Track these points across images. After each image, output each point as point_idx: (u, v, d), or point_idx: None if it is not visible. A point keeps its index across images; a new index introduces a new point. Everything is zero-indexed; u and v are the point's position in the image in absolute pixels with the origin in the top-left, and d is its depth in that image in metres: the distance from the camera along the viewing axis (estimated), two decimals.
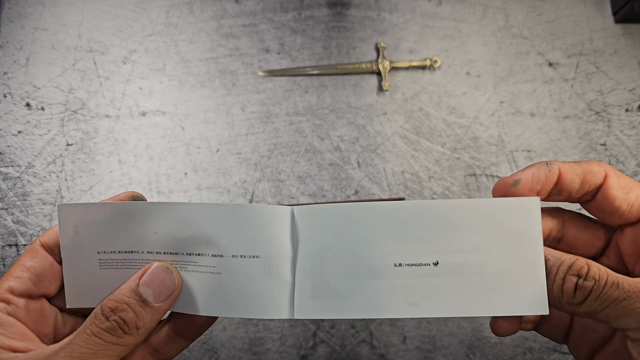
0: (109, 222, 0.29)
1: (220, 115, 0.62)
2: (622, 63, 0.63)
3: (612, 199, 0.26)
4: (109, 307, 0.26)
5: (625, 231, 0.28)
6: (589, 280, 0.24)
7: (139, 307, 0.26)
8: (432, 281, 0.27)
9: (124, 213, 0.29)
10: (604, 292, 0.24)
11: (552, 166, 0.27)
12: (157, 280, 0.27)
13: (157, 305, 0.27)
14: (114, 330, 0.26)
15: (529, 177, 0.27)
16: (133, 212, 0.29)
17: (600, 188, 0.27)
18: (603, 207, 0.27)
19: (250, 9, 0.65)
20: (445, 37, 0.65)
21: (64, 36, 0.64)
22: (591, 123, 0.62)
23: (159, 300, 0.27)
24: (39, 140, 0.61)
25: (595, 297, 0.24)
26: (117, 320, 0.26)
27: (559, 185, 0.27)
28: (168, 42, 0.64)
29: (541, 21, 0.65)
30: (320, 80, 0.64)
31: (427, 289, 0.27)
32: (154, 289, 0.27)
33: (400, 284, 0.27)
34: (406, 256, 0.28)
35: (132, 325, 0.26)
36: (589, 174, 0.27)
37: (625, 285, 0.24)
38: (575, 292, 0.25)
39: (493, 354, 0.56)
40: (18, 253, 0.58)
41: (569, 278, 0.25)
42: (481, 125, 0.62)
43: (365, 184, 0.60)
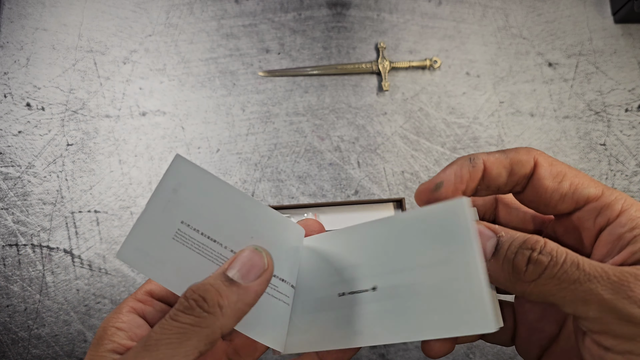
0: (214, 201, 0.27)
1: (221, 116, 0.62)
2: (621, 63, 0.63)
3: (543, 189, 0.24)
4: (192, 290, 0.23)
5: (561, 221, 0.26)
6: (544, 254, 0.21)
7: (223, 286, 0.23)
8: (373, 307, 0.25)
9: (236, 202, 0.27)
10: (562, 271, 0.21)
11: (475, 161, 0.24)
12: (245, 259, 0.25)
13: (246, 285, 0.24)
14: (192, 309, 0.23)
15: (451, 177, 0.24)
16: (245, 207, 0.27)
17: (530, 179, 0.24)
18: (534, 198, 0.25)
19: (250, 9, 0.65)
20: (445, 37, 0.65)
21: (64, 36, 0.64)
22: (591, 123, 0.62)
23: (247, 280, 0.24)
24: (39, 140, 0.61)
25: (551, 275, 0.21)
26: (197, 298, 0.23)
27: (486, 181, 0.25)
28: (168, 43, 0.64)
29: (541, 21, 0.65)
30: (320, 80, 0.64)
31: (368, 316, 0.25)
32: (241, 267, 0.24)
33: (345, 313, 0.26)
34: (347, 284, 0.26)
35: (213, 303, 0.23)
36: (516, 164, 0.24)
37: (586, 267, 0.21)
38: (527, 266, 0.22)
39: (493, 354, 0.56)
40: (18, 253, 0.58)
41: (521, 252, 0.22)
42: (481, 125, 0.62)
43: (365, 184, 0.60)
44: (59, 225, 0.58)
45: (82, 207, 0.59)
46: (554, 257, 0.21)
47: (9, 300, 0.56)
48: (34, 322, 0.56)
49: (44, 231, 0.58)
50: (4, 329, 0.56)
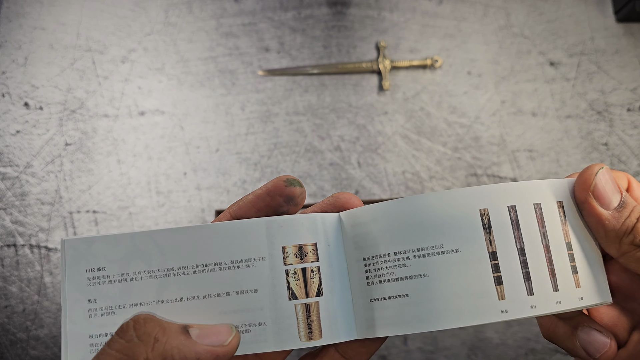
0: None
1: (220, 115, 0.62)
2: (623, 62, 0.63)
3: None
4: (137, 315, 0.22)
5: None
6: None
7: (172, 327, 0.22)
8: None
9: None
10: None
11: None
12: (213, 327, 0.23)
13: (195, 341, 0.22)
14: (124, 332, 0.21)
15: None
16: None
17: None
18: None
19: (249, 8, 0.65)
20: (446, 36, 0.64)
21: (62, 35, 0.64)
22: (593, 123, 0.61)
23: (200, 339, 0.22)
24: (37, 139, 0.61)
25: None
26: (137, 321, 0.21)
27: None
28: (167, 41, 0.64)
29: (542, 20, 0.65)
30: (321, 79, 0.63)
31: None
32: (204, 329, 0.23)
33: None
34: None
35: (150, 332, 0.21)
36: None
37: None
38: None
39: (495, 355, 0.55)
40: (17, 253, 0.57)
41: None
42: (482, 124, 0.62)
43: (365, 184, 0.60)
44: (57, 225, 0.58)
45: (80, 207, 0.59)
46: None
47: (7, 301, 0.56)
48: (32, 323, 0.56)
49: (43, 231, 0.58)
50: (2, 330, 0.55)
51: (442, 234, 0.24)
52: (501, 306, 0.23)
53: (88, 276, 0.24)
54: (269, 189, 0.26)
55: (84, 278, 0.24)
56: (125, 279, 0.24)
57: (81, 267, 0.24)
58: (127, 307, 0.24)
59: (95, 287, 0.24)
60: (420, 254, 0.24)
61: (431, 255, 0.24)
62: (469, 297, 0.23)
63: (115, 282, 0.24)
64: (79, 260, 0.24)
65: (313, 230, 0.26)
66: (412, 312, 0.24)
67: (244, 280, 0.24)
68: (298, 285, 0.25)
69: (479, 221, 0.24)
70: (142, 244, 0.24)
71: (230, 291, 0.24)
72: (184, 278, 0.24)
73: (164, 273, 0.24)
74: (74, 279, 0.24)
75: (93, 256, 0.24)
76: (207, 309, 0.24)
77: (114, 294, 0.24)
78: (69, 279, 0.24)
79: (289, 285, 0.25)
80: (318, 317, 0.25)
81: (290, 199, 0.26)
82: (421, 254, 0.24)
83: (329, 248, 0.26)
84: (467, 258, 0.23)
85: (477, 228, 0.23)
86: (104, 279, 0.24)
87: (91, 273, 0.24)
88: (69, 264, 0.24)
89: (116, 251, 0.24)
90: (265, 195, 0.26)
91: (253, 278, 0.25)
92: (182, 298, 0.24)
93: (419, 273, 0.24)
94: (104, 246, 0.24)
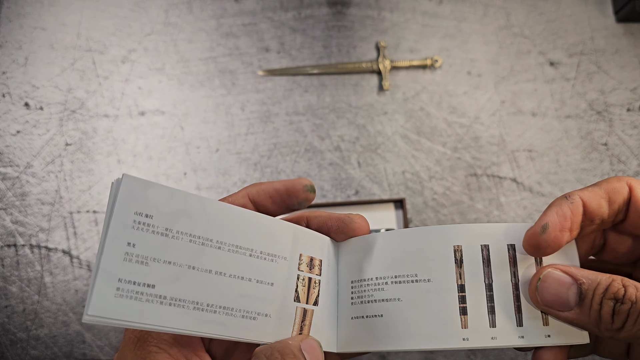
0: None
1: (220, 115, 0.62)
2: (623, 62, 0.63)
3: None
4: (278, 352, 0.24)
5: None
6: (625, 303, 0.22)
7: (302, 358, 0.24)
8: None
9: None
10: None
11: (572, 197, 0.25)
12: (315, 351, 0.25)
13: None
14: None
15: (555, 217, 0.24)
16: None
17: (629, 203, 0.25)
18: (638, 221, 0.25)
19: (249, 8, 0.65)
20: (446, 36, 0.64)
21: (62, 35, 0.64)
22: (592, 123, 0.61)
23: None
24: (37, 140, 0.61)
25: (633, 321, 0.22)
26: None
27: (588, 215, 0.25)
28: (167, 42, 0.64)
29: (542, 20, 0.65)
30: (321, 79, 0.63)
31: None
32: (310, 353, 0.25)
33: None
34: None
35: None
36: (612, 192, 0.25)
37: None
38: (613, 317, 0.23)
39: (494, 355, 0.55)
40: (17, 253, 0.57)
41: (606, 302, 0.23)
42: (482, 124, 0.62)
43: (365, 184, 0.60)
44: (57, 225, 0.58)
45: (80, 207, 0.59)
46: (634, 303, 0.22)
47: (8, 300, 0.56)
48: (32, 323, 0.56)
49: (43, 231, 0.58)
50: (2, 329, 0.55)
51: (418, 264, 0.26)
52: (463, 334, 0.25)
53: (135, 219, 0.23)
54: (288, 188, 0.28)
55: (130, 219, 0.22)
56: (167, 234, 0.23)
57: (131, 207, 0.23)
58: (161, 263, 0.23)
59: (138, 233, 0.22)
60: (397, 280, 0.26)
61: (406, 282, 0.26)
62: (435, 323, 0.25)
63: (157, 234, 0.23)
64: (131, 200, 0.23)
65: (322, 248, 0.28)
66: (385, 331, 0.26)
67: (266, 272, 0.26)
68: (303, 291, 0.27)
69: (451, 256, 0.26)
70: (193, 206, 0.24)
71: (252, 278, 0.25)
72: (218, 252, 0.24)
73: (202, 241, 0.24)
74: (121, 217, 0.22)
75: (145, 201, 0.23)
76: (228, 288, 0.24)
77: (152, 246, 0.23)
78: (116, 215, 0.22)
79: (297, 289, 0.27)
80: (310, 323, 0.27)
81: (303, 203, 0.29)
82: (397, 281, 0.26)
83: (329, 267, 0.28)
84: (437, 287, 0.25)
85: (450, 262, 0.26)
86: (148, 227, 0.23)
87: (139, 217, 0.23)
88: (120, 200, 0.22)
89: (168, 204, 0.24)
90: (284, 192, 0.28)
91: (273, 272, 0.26)
92: (210, 270, 0.24)
93: (394, 297, 0.26)
94: (158, 195, 0.23)
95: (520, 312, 0.25)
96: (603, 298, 0.23)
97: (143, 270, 0.22)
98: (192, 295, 0.23)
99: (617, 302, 0.22)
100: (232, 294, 0.25)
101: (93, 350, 0.55)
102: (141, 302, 0.22)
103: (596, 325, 0.23)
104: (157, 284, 0.23)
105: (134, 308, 0.22)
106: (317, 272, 0.28)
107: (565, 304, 0.24)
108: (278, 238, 0.27)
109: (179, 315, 0.23)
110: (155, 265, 0.23)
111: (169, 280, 0.23)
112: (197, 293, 0.24)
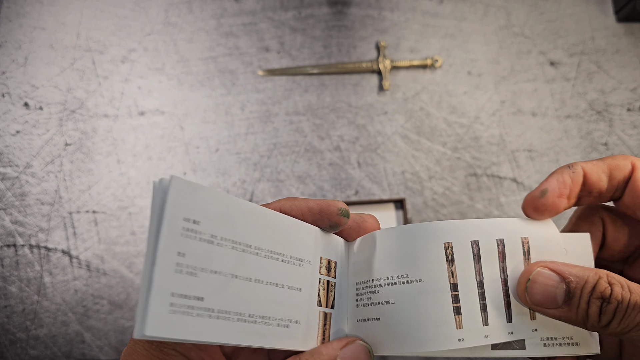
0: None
1: (220, 115, 0.62)
2: (623, 62, 0.63)
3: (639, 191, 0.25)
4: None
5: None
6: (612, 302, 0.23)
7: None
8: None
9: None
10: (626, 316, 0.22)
11: (575, 167, 0.25)
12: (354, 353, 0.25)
13: None
14: None
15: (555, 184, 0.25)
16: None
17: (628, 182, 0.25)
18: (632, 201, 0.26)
19: (250, 8, 0.65)
20: (446, 36, 0.64)
21: (62, 35, 0.64)
22: (593, 123, 0.61)
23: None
24: (37, 140, 0.61)
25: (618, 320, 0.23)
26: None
27: (587, 186, 0.26)
28: (167, 41, 0.64)
29: (543, 20, 0.64)
30: (321, 79, 0.63)
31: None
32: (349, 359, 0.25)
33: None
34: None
35: None
36: (614, 169, 0.25)
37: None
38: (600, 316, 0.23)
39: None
40: (17, 254, 0.57)
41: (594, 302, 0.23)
42: (482, 124, 0.62)
43: (365, 184, 0.60)
44: (57, 225, 0.58)
45: (80, 207, 0.59)
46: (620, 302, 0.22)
47: (7, 301, 0.56)
48: (32, 323, 0.56)
49: (42, 231, 0.58)
50: (1, 329, 0.55)
51: (409, 265, 0.25)
52: (458, 335, 0.24)
53: (184, 226, 0.20)
54: (322, 209, 0.27)
55: (179, 226, 0.20)
56: (212, 242, 0.21)
57: (180, 213, 0.20)
58: (208, 273, 0.21)
59: (187, 241, 0.20)
60: (389, 282, 0.26)
61: (397, 284, 0.25)
62: (429, 325, 0.24)
63: (204, 242, 0.21)
64: (180, 205, 0.20)
65: (336, 250, 0.28)
66: (382, 334, 0.25)
67: (295, 277, 0.25)
68: (323, 295, 0.26)
69: (442, 254, 0.25)
70: (234, 210, 0.23)
71: (285, 284, 0.24)
72: (257, 259, 0.23)
73: (243, 248, 0.23)
74: (171, 224, 0.20)
75: (194, 205, 0.21)
76: (265, 296, 0.23)
77: (199, 254, 0.21)
78: (166, 222, 0.20)
79: (319, 292, 0.26)
80: (329, 327, 0.26)
81: (334, 226, 0.28)
82: (390, 282, 0.26)
83: (341, 269, 0.28)
84: (429, 288, 0.25)
85: (441, 260, 0.25)
86: (196, 235, 0.21)
87: (187, 223, 0.20)
88: (170, 204, 0.20)
89: (213, 209, 0.22)
90: (317, 212, 0.27)
91: (300, 277, 0.25)
92: (250, 278, 0.23)
93: (388, 300, 0.25)
94: (204, 199, 0.21)
95: (509, 308, 0.25)
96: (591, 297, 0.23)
97: (193, 282, 0.20)
98: (236, 306, 0.22)
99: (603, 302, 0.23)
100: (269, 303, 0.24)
101: (92, 350, 0.55)
102: (192, 317, 0.20)
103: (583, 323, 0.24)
104: (206, 297, 0.21)
105: (188, 324, 0.20)
106: (333, 275, 0.27)
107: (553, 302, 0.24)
108: (304, 241, 0.26)
109: (225, 329, 0.21)
110: (203, 275, 0.21)
111: (215, 292, 0.21)
112: (240, 303, 0.22)
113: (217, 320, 0.21)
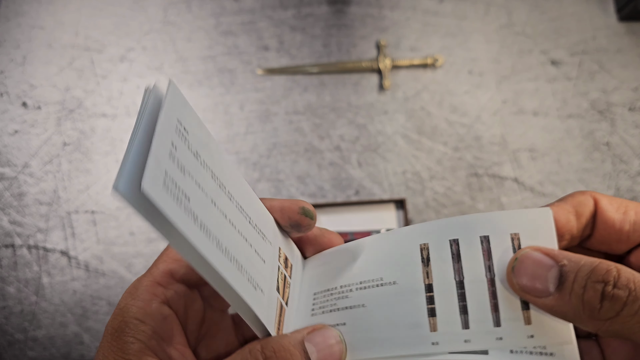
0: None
1: (219, 114, 0.61)
2: (625, 62, 0.62)
3: (611, 223, 0.23)
4: (272, 348, 0.23)
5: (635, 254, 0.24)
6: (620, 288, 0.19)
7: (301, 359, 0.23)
8: None
9: None
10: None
11: None
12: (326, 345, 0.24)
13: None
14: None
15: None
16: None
17: (595, 216, 0.24)
18: (606, 235, 0.24)
19: (249, 7, 0.65)
20: (447, 34, 0.64)
21: (61, 34, 0.63)
22: (594, 122, 0.61)
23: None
24: (35, 139, 0.60)
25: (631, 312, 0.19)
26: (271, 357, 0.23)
27: (558, 231, 0.23)
28: (166, 40, 0.63)
29: (544, 19, 0.64)
30: (320, 78, 0.63)
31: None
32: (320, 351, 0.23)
33: None
34: None
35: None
36: (578, 205, 0.24)
37: None
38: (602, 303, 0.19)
39: None
40: (14, 254, 0.57)
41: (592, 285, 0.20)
42: (483, 124, 0.61)
43: (365, 184, 0.59)
44: (55, 225, 0.58)
45: (78, 207, 0.58)
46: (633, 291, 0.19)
47: (5, 301, 0.56)
48: (30, 324, 0.55)
49: (41, 232, 0.58)
50: (0, 331, 0.55)
51: (383, 268, 0.25)
52: (432, 338, 0.23)
53: (177, 126, 0.20)
54: (284, 207, 0.27)
55: (174, 123, 0.20)
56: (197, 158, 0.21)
57: (175, 112, 0.20)
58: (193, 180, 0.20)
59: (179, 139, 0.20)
60: (361, 286, 0.25)
61: (371, 287, 0.25)
62: (402, 327, 0.23)
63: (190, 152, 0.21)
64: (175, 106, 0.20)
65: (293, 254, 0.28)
66: (348, 339, 0.24)
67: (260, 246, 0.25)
68: (281, 285, 0.26)
69: (418, 255, 0.24)
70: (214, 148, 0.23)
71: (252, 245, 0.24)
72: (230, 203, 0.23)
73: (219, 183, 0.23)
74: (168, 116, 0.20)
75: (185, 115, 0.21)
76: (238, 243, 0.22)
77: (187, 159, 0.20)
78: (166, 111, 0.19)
79: (278, 280, 0.26)
80: (283, 321, 0.25)
81: (296, 226, 0.27)
82: (362, 287, 0.25)
83: (295, 275, 0.27)
84: (403, 289, 0.24)
85: (416, 261, 0.24)
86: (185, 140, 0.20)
87: (179, 125, 0.20)
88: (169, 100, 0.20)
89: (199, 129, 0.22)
90: (279, 210, 0.27)
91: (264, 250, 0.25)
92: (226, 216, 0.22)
93: (358, 304, 0.25)
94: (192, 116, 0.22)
95: (497, 310, 0.22)
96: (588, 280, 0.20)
97: (182, 177, 0.19)
98: (215, 231, 0.21)
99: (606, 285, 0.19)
100: (241, 252, 0.22)
101: (91, 351, 0.55)
102: (180, 208, 0.18)
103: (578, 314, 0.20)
104: (192, 200, 0.19)
105: (177, 210, 0.18)
106: (289, 274, 0.27)
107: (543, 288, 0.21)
108: (267, 221, 0.26)
109: (205, 243, 0.20)
110: (189, 179, 0.20)
111: (199, 202, 0.20)
112: (219, 232, 0.21)
113: (200, 230, 0.19)
